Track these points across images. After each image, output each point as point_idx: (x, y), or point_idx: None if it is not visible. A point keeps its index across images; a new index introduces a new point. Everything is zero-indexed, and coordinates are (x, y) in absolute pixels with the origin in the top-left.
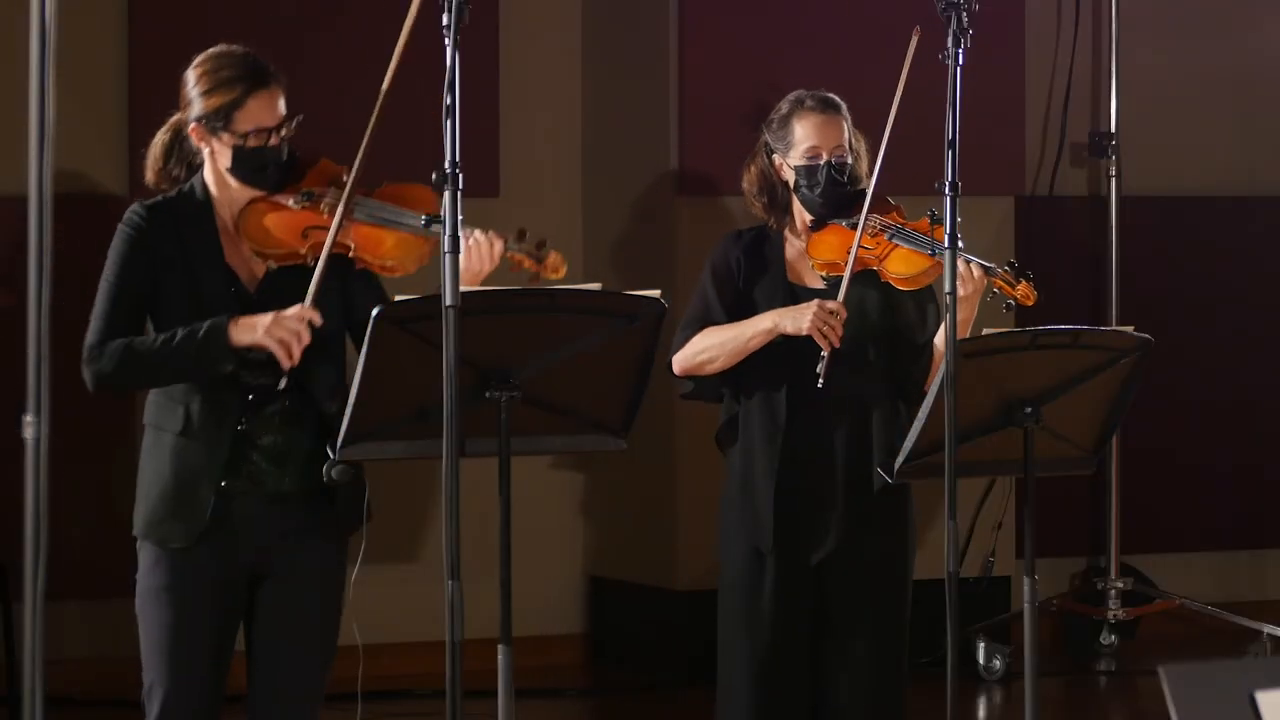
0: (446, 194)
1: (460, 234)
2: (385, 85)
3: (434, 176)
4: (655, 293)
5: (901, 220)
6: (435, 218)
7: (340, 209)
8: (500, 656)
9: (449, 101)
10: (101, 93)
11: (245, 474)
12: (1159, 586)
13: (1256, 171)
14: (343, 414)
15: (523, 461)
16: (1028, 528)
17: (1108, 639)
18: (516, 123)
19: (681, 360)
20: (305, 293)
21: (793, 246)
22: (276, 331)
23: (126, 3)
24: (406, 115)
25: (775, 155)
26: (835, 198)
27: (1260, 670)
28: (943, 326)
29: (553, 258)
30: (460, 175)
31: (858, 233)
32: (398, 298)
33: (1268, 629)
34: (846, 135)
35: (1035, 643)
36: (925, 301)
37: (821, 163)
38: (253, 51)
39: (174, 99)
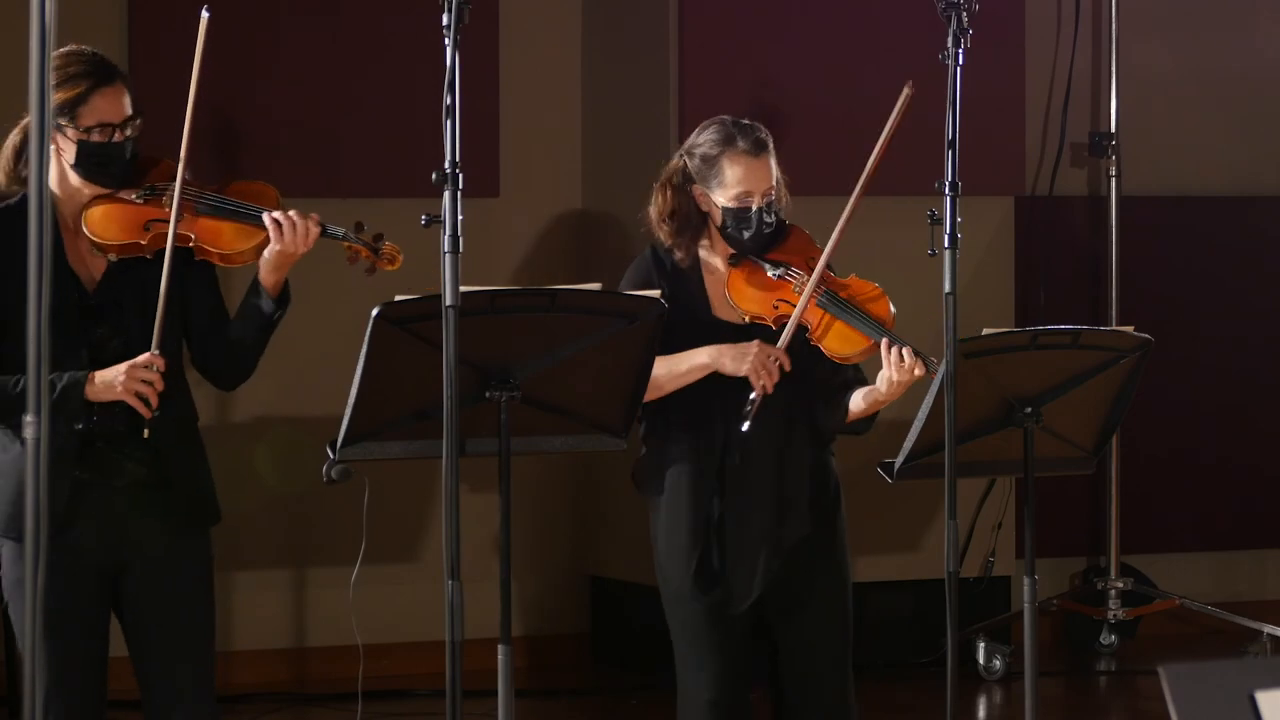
0: (447, 194)
1: (266, 214)
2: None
3: (434, 176)
4: (655, 293)
5: (836, 282)
6: (435, 218)
7: (175, 200)
8: (500, 656)
9: (449, 101)
10: None
11: (94, 465)
12: (1159, 586)
13: (1257, 171)
14: (175, 410)
15: (523, 461)
16: (1028, 528)
17: (1108, 639)
18: (516, 123)
19: None
20: (143, 287)
21: (710, 276)
22: (131, 385)
23: (126, 3)
24: (407, 115)
25: (696, 186)
26: (762, 239)
27: (1260, 670)
28: (862, 396)
29: (388, 248)
30: (460, 175)
31: (793, 320)
32: (398, 297)
33: (1268, 629)
34: (774, 174)
35: (1035, 643)
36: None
37: (753, 208)
38: (100, 51)
39: (174, 99)
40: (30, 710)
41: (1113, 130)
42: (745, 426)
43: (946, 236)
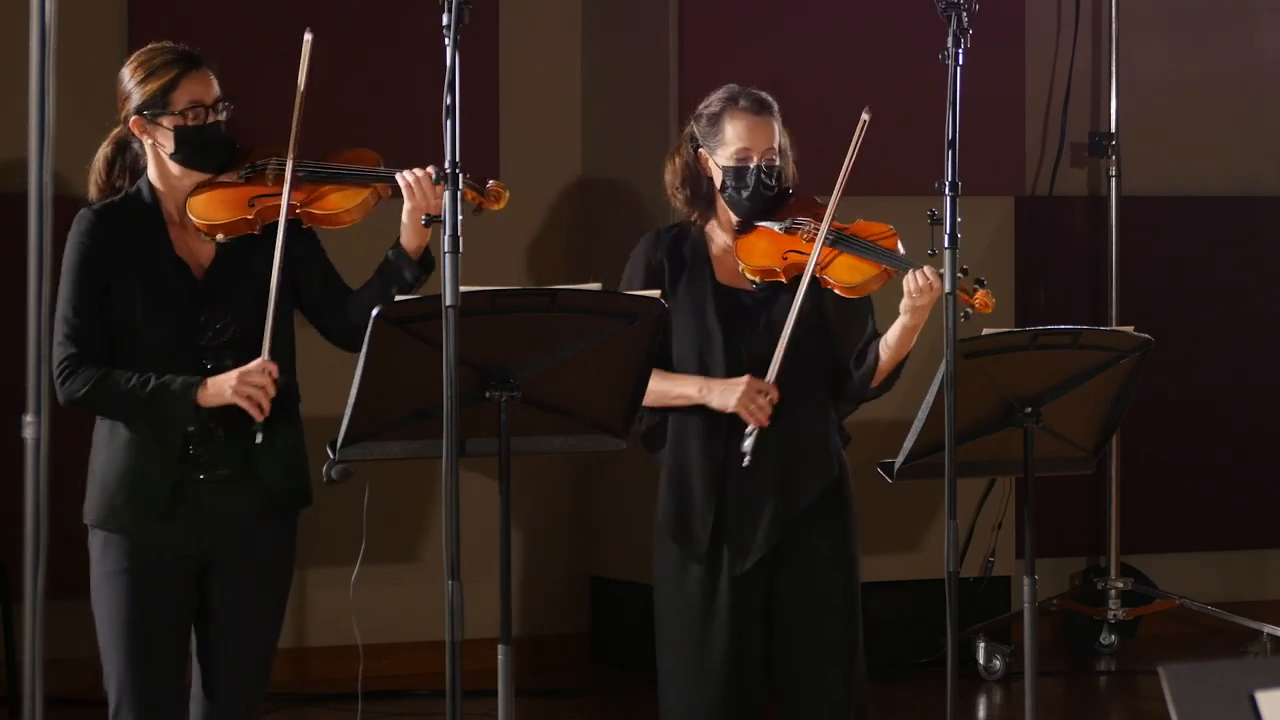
0: (446, 194)
1: (399, 175)
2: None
3: (434, 176)
4: (655, 293)
5: (840, 226)
6: (435, 218)
7: (289, 168)
8: (500, 656)
9: (449, 101)
10: (101, 93)
11: (196, 460)
12: (1159, 586)
13: (1257, 171)
14: (291, 384)
15: (523, 461)
16: (1028, 528)
17: (1108, 639)
18: (516, 123)
19: None
20: (251, 269)
21: (716, 244)
22: (243, 389)
23: (126, 3)
24: (407, 115)
25: (702, 150)
26: (762, 201)
27: (1260, 670)
28: (890, 331)
29: (494, 185)
30: (460, 175)
31: (809, 263)
32: (398, 298)
33: (1268, 629)
34: (777, 137)
35: (1035, 643)
36: (864, 305)
37: (751, 165)
38: (183, 43)
39: None
40: (30, 711)
41: (1113, 130)
42: (745, 462)
43: (946, 236)
